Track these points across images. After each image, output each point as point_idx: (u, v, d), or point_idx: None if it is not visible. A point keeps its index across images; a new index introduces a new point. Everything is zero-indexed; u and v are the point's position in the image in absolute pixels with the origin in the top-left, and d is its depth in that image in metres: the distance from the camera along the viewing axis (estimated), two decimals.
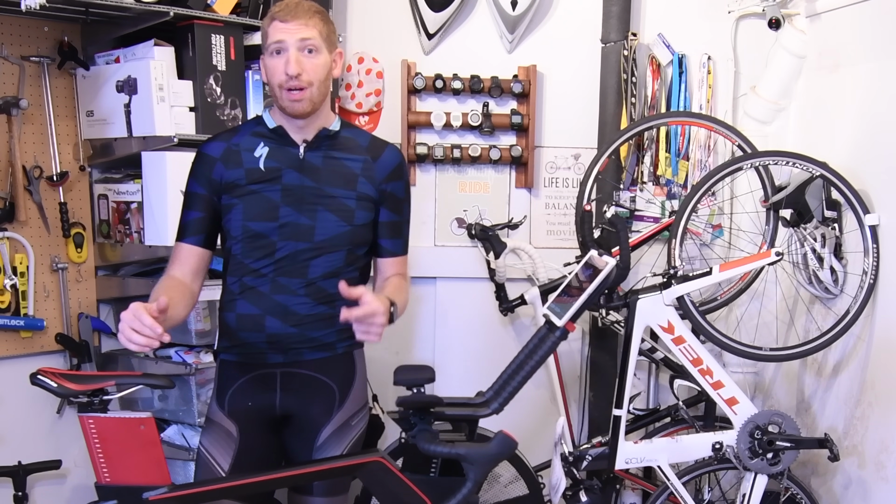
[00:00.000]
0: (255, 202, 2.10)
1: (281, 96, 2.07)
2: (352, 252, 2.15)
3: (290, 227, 2.10)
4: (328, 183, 2.13)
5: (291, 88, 2.05)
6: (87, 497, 2.77)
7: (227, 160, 2.12)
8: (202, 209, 2.13)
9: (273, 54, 2.06)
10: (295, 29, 2.04)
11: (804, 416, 3.00)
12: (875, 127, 2.69)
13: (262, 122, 2.17)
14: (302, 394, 2.17)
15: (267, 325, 2.11)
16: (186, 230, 2.14)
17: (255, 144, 2.14)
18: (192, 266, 2.14)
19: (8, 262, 2.65)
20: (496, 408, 2.17)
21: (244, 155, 2.12)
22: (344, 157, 2.16)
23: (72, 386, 1.95)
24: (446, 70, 3.25)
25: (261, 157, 2.12)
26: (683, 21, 3.27)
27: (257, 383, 2.16)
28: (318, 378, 2.18)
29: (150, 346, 1.75)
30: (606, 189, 3.19)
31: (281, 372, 2.15)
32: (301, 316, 2.12)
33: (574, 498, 2.81)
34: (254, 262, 2.11)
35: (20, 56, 2.65)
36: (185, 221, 2.15)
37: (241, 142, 2.14)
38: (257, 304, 2.12)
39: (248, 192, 2.10)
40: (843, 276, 2.77)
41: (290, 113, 2.09)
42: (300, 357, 2.15)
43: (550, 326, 2.23)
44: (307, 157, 2.13)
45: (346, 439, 2.22)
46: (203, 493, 1.93)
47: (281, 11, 2.05)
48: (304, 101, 2.06)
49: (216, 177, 2.11)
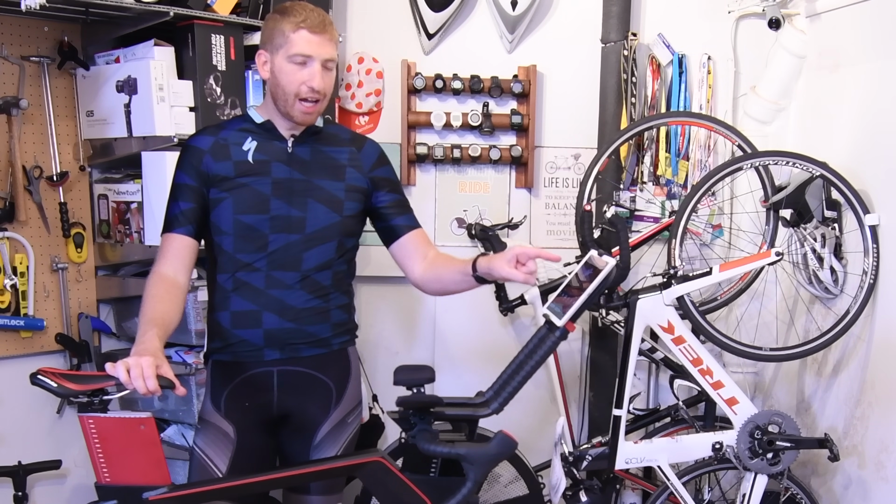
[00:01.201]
0: (245, 195, 2.10)
1: (293, 105, 2.09)
2: (342, 243, 2.17)
3: (282, 220, 2.11)
4: (317, 175, 2.15)
5: (306, 100, 2.07)
6: (87, 497, 2.77)
7: (216, 153, 2.12)
8: (193, 200, 2.11)
9: (294, 63, 2.06)
10: (323, 44, 2.07)
11: (804, 416, 3.00)
12: (875, 127, 2.69)
13: (249, 118, 2.19)
14: (299, 392, 2.17)
15: (264, 320, 2.11)
16: (177, 221, 2.12)
17: (243, 139, 2.15)
18: (185, 259, 2.11)
19: (8, 262, 2.65)
20: (496, 408, 2.16)
21: (232, 148, 2.13)
22: (330, 150, 2.19)
23: (72, 386, 1.95)
24: (446, 70, 3.25)
25: (249, 150, 2.13)
26: (683, 21, 3.27)
27: (254, 383, 2.15)
28: (315, 376, 2.18)
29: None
30: (606, 189, 3.20)
31: (278, 371, 2.14)
32: (297, 310, 2.12)
33: (574, 498, 2.81)
34: (246, 256, 2.11)
35: (20, 56, 2.64)
36: (176, 213, 2.12)
37: (228, 136, 2.15)
38: (253, 300, 2.11)
39: (238, 185, 2.10)
40: (843, 276, 2.77)
41: (299, 122, 2.12)
42: (297, 354, 2.15)
43: (550, 326, 2.22)
44: (295, 150, 2.15)
45: (342, 437, 2.22)
46: (203, 493, 1.92)
47: (308, 21, 2.05)
48: (315, 113, 2.12)
49: (205, 169, 2.11)
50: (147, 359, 1.73)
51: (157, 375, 1.72)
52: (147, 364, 1.71)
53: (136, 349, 1.82)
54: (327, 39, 2.07)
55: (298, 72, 2.06)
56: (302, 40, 2.05)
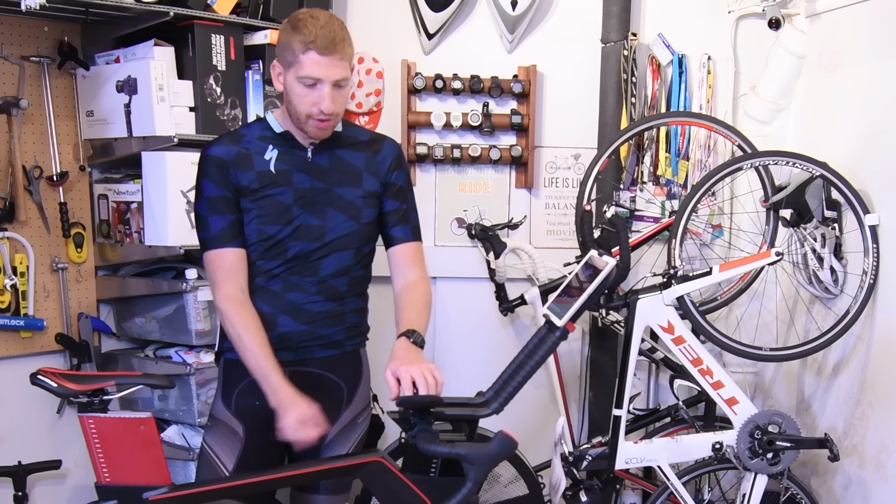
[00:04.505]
0: (269, 206, 2.10)
1: (305, 122, 2.06)
2: (359, 250, 2.18)
3: (302, 229, 2.11)
4: (336, 183, 2.14)
5: (320, 119, 2.05)
6: (87, 497, 2.77)
7: (239, 164, 2.10)
8: (233, 211, 2.09)
9: (304, 84, 2.01)
10: (332, 65, 1.99)
11: (804, 416, 3.00)
12: (875, 127, 2.69)
13: (268, 125, 2.16)
14: (310, 393, 2.16)
15: (279, 323, 2.12)
16: (226, 235, 2.08)
17: (264, 148, 2.13)
18: (245, 272, 2.10)
19: (8, 262, 2.65)
20: (496, 408, 2.16)
21: (255, 158, 2.11)
22: (347, 154, 2.18)
23: (72, 386, 1.95)
24: (446, 70, 3.25)
25: (271, 160, 2.12)
26: (683, 21, 3.27)
27: None
28: (326, 376, 2.19)
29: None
30: (606, 189, 3.19)
31: (290, 371, 2.14)
32: (313, 313, 2.13)
33: (574, 498, 2.81)
34: (266, 263, 2.12)
35: (20, 56, 2.64)
36: (223, 226, 2.09)
37: (250, 145, 2.13)
38: (270, 302, 2.12)
39: (262, 195, 2.09)
40: (843, 276, 2.77)
41: (313, 137, 2.10)
42: (310, 355, 2.16)
43: (550, 326, 2.22)
44: (315, 158, 2.14)
45: (352, 437, 2.23)
46: (203, 493, 1.93)
47: (317, 42, 1.97)
48: (328, 129, 2.09)
49: (233, 180, 2.09)
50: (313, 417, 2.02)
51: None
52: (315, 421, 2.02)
53: (287, 406, 2.01)
54: (338, 59, 2.00)
55: (309, 94, 2.01)
56: (311, 62, 1.98)
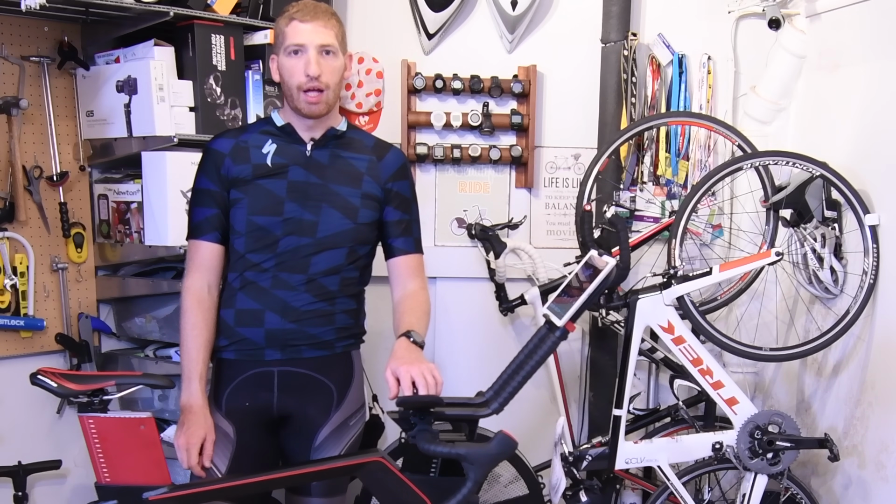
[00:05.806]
0: (260, 196, 2.11)
1: (298, 97, 2.09)
2: (353, 250, 2.17)
3: (294, 222, 2.11)
4: (334, 180, 2.15)
5: (310, 90, 2.07)
6: (87, 497, 2.77)
7: (236, 156, 2.14)
8: (216, 205, 2.14)
9: (291, 55, 2.08)
10: (315, 31, 2.06)
11: (804, 416, 3.00)
12: (875, 127, 2.69)
13: (271, 121, 2.20)
14: (300, 394, 2.17)
15: (266, 319, 2.12)
16: (203, 227, 2.14)
17: (264, 142, 2.16)
18: (214, 268, 2.15)
19: (8, 262, 2.65)
20: (496, 408, 2.16)
21: (252, 151, 2.14)
22: (350, 157, 2.19)
23: (72, 386, 1.95)
24: (446, 70, 3.25)
25: (268, 153, 2.14)
26: (683, 21, 3.27)
27: (254, 382, 2.15)
28: (316, 378, 2.18)
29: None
30: (606, 189, 3.19)
31: (278, 371, 2.14)
32: (300, 312, 2.12)
33: (574, 498, 2.81)
34: (255, 256, 2.12)
35: (20, 56, 2.64)
36: (201, 219, 2.14)
37: (249, 139, 2.17)
38: (257, 299, 2.12)
39: (254, 186, 2.11)
40: (843, 276, 2.77)
41: (307, 114, 2.11)
42: (299, 355, 2.15)
43: (550, 326, 2.22)
44: (314, 154, 2.15)
45: (343, 440, 2.22)
46: (203, 494, 1.93)
47: (300, 12, 2.07)
48: (321, 103, 2.10)
49: (224, 172, 2.13)
50: (195, 446, 2.05)
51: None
52: (194, 450, 2.05)
53: (186, 417, 2.06)
54: (320, 26, 2.07)
55: (296, 63, 2.07)
56: (294, 31, 2.07)
